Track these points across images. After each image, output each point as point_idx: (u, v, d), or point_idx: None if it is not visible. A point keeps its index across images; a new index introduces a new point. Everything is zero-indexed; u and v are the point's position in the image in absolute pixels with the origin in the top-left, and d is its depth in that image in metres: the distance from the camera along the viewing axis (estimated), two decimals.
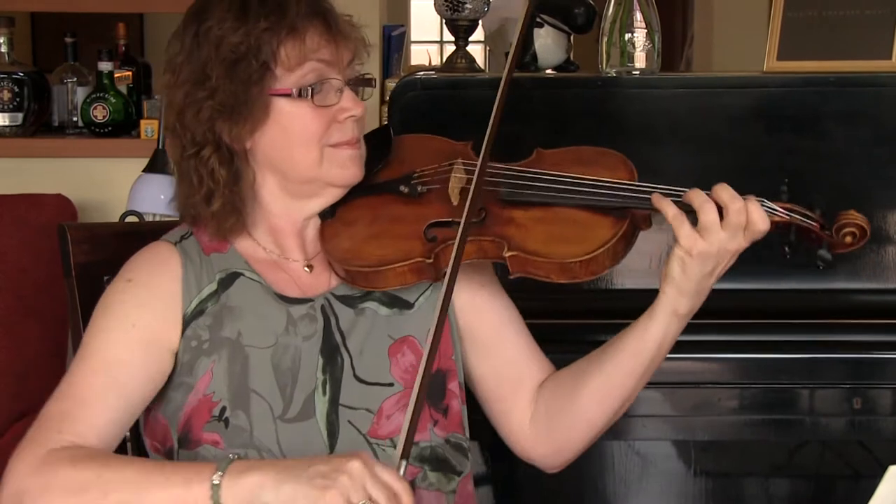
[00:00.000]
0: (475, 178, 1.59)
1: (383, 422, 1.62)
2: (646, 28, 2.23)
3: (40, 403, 2.72)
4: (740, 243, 1.56)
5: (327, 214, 1.68)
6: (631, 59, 2.24)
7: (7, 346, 2.73)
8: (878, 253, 2.16)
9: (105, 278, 1.74)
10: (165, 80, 1.65)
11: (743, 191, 2.17)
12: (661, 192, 1.60)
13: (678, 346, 1.89)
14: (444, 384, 1.67)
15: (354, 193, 1.67)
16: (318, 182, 1.65)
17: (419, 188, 1.67)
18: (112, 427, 1.57)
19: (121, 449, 1.66)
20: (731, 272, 2.16)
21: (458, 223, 1.58)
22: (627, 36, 2.23)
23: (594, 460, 2.04)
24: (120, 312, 1.62)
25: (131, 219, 2.58)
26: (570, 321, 2.04)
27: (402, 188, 1.67)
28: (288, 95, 1.60)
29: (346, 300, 1.67)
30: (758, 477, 2.20)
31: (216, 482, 1.45)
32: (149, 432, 1.68)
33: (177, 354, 1.62)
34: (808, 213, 1.59)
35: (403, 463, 1.45)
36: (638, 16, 2.23)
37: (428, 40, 7.37)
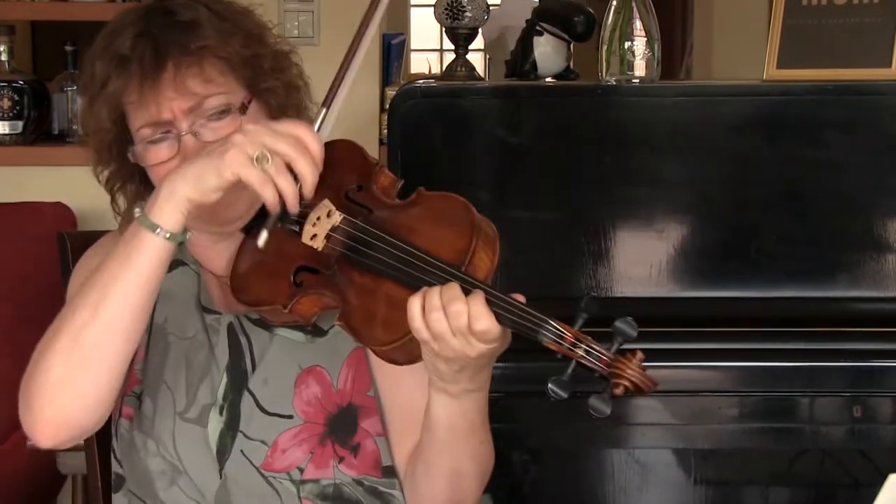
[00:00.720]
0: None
1: (278, 455, 1.56)
2: (645, 36, 2.23)
3: None
4: (478, 347, 1.36)
5: (249, 228, 1.56)
6: (630, 67, 2.23)
7: (7, 353, 2.73)
8: (878, 261, 2.16)
9: None
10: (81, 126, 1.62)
11: (743, 203, 2.18)
12: (443, 276, 1.40)
13: (679, 355, 1.90)
14: (354, 420, 1.58)
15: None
16: (203, 228, 1.56)
17: (289, 226, 1.50)
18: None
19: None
20: (731, 280, 2.17)
21: (322, 271, 1.47)
22: (627, 44, 2.23)
23: (594, 469, 2.03)
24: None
25: None
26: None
27: (279, 224, 1.50)
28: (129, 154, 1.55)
29: (260, 323, 1.60)
30: (758, 485, 2.20)
31: (138, 215, 1.44)
32: None
33: None
34: (595, 347, 1.36)
35: (323, 111, 1.38)
36: (638, 24, 2.23)
37: (428, 49, 7.37)
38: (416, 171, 2.13)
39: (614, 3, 2.23)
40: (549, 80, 2.44)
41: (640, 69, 2.23)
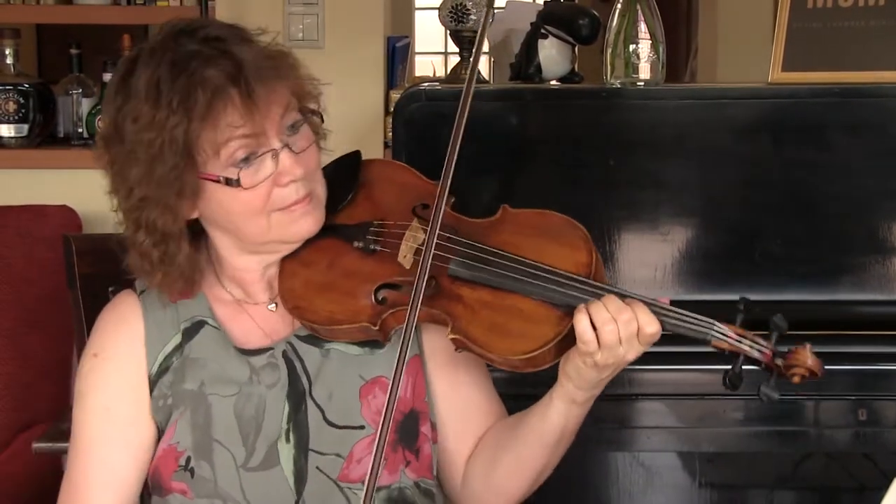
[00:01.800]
0: (425, 261, 1.50)
1: (354, 465, 1.60)
2: (650, 39, 2.22)
3: (46, 413, 2.74)
4: (637, 351, 1.51)
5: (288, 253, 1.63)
6: (635, 70, 2.23)
7: (12, 356, 2.73)
8: (883, 265, 2.16)
9: (109, 289, 1.74)
10: (98, 150, 1.60)
11: (748, 206, 2.18)
12: (591, 291, 1.51)
13: (683, 358, 1.89)
14: (417, 425, 1.64)
15: (319, 233, 1.61)
16: (271, 243, 1.60)
17: (372, 246, 1.60)
18: None
19: None
20: (736, 283, 2.17)
21: (409, 287, 1.52)
22: (632, 47, 2.22)
23: (598, 472, 2.03)
24: (93, 398, 1.63)
25: None
26: None
27: (356, 244, 1.59)
28: (217, 181, 1.53)
29: (312, 340, 1.63)
30: (763, 488, 2.20)
31: None
32: None
33: (153, 416, 1.63)
34: (760, 341, 1.50)
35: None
36: (642, 27, 2.22)
37: (432, 51, 7.38)
38: (420, 174, 2.13)
39: (619, 5, 2.23)
40: (553, 82, 2.44)
41: (644, 72, 2.23)
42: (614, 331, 1.48)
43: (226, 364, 1.62)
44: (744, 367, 1.50)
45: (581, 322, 1.48)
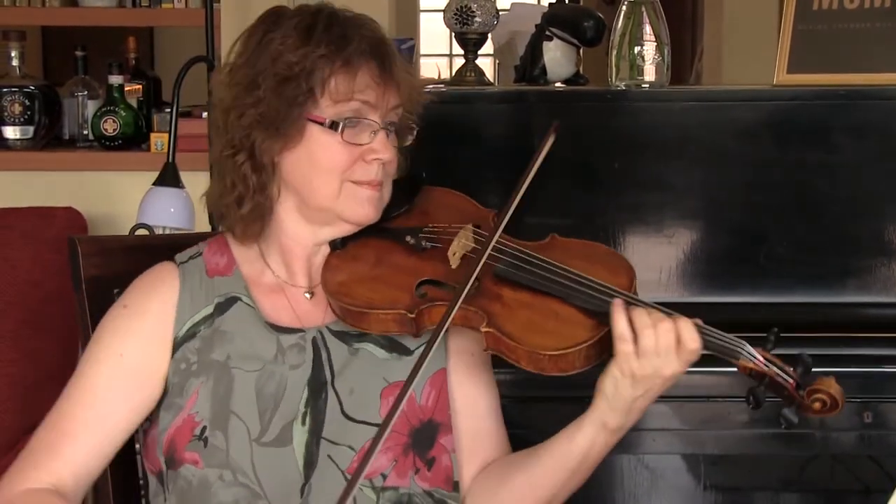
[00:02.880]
0: (483, 255, 1.59)
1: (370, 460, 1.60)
2: (655, 41, 2.22)
3: None
4: (675, 368, 1.53)
5: (337, 245, 1.69)
6: (640, 72, 2.23)
7: (17, 358, 2.74)
8: (889, 267, 2.16)
9: (115, 291, 1.76)
10: (221, 78, 1.68)
11: (753, 208, 2.17)
12: (631, 302, 1.56)
13: None
14: (434, 435, 1.66)
15: (367, 231, 1.69)
16: (331, 213, 1.66)
17: (424, 243, 1.67)
18: (91, 460, 1.64)
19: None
20: (741, 286, 2.16)
21: (452, 286, 1.59)
22: (637, 49, 2.23)
23: (603, 474, 2.03)
24: (110, 341, 1.67)
25: (141, 232, 2.58)
26: None
27: (409, 239, 1.68)
28: (321, 124, 1.62)
29: (342, 336, 1.67)
30: (768, 491, 2.19)
31: None
32: (146, 454, 1.70)
33: (167, 378, 1.65)
34: (786, 368, 1.55)
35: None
36: (647, 29, 2.23)
37: (437, 54, 7.38)
38: (425, 176, 2.13)
39: (624, 7, 2.23)
40: (558, 85, 2.44)
41: (649, 74, 2.23)
42: (651, 336, 1.51)
43: (254, 339, 1.65)
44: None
45: (619, 320, 1.52)
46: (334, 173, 1.63)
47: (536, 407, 1.96)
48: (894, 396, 2.02)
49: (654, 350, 1.51)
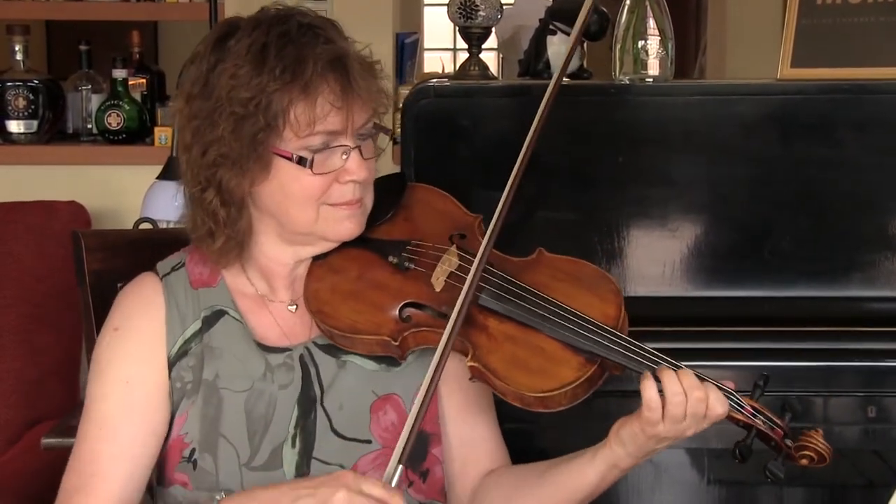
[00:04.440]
0: (467, 296, 1.53)
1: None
2: (659, 35, 2.22)
3: (54, 410, 2.74)
4: (700, 427, 1.51)
5: (320, 255, 1.65)
6: (644, 66, 2.23)
7: (22, 353, 2.74)
8: (893, 261, 2.15)
9: (118, 285, 1.74)
10: (178, 105, 1.62)
11: (757, 202, 2.17)
12: (642, 360, 1.52)
13: (693, 354, 1.89)
14: (426, 447, 1.63)
15: (351, 241, 1.64)
16: (312, 236, 1.63)
17: (406, 263, 1.63)
18: (126, 490, 1.59)
19: None
20: (745, 280, 2.16)
21: (436, 311, 1.55)
22: (641, 43, 2.22)
23: None
24: (111, 371, 1.62)
25: (145, 226, 2.59)
26: None
27: (391, 258, 1.63)
28: (289, 158, 1.56)
29: (329, 350, 1.64)
30: (772, 486, 2.19)
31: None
32: None
33: (171, 395, 1.63)
34: (774, 418, 1.52)
35: (399, 468, 1.43)
36: (651, 23, 2.22)
37: (441, 48, 7.37)
38: (429, 170, 2.13)
39: (628, 2, 2.23)
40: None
41: (653, 68, 2.22)
42: (682, 403, 1.48)
43: (243, 356, 1.62)
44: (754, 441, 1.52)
45: (648, 390, 1.49)
46: (310, 202, 1.58)
47: None
48: None
49: (681, 417, 1.49)
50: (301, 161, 1.56)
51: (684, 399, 1.48)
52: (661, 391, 1.49)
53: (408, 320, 1.58)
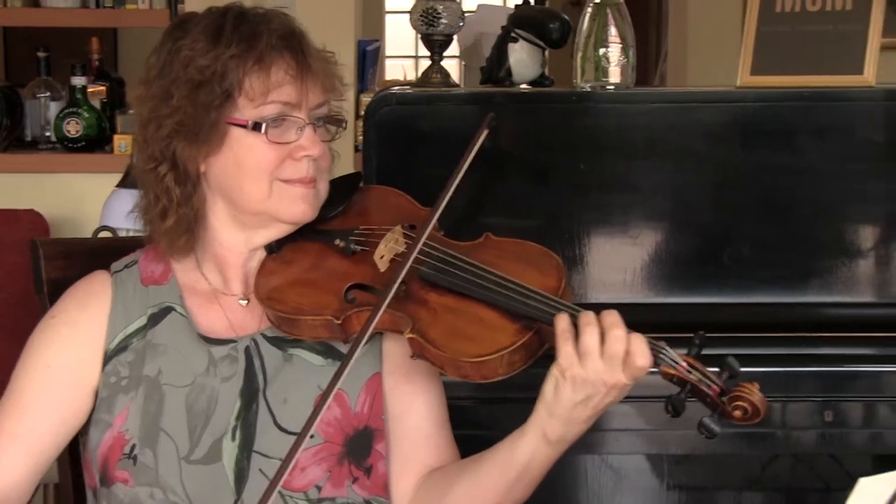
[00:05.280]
0: (409, 258, 1.55)
1: (298, 473, 1.58)
2: (621, 43, 2.23)
3: None
4: (619, 378, 1.45)
5: (273, 248, 1.66)
6: (605, 73, 2.24)
7: None
8: (849, 267, 2.17)
9: None
10: (138, 93, 1.65)
11: (717, 209, 2.19)
12: (570, 311, 1.50)
13: None
14: (370, 442, 1.63)
15: (303, 235, 1.66)
16: (265, 215, 1.63)
17: (353, 246, 1.64)
18: (19, 475, 1.61)
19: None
20: (705, 286, 2.18)
21: (379, 290, 1.56)
22: (602, 51, 2.23)
23: (567, 474, 2.04)
24: (38, 353, 1.64)
25: (104, 234, 2.57)
26: None
27: (338, 242, 1.65)
28: (243, 126, 1.58)
29: (277, 342, 1.64)
30: (730, 490, 2.21)
31: None
32: (85, 469, 1.68)
33: (97, 391, 1.63)
34: (709, 374, 1.48)
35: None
36: (613, 31, 2.23)
37: (403, 55, 7.38)
38: (391, 177, 2.13)
39: (589, 9, 2.24)
40: (524, 86, 2.44)
41: (615, 76, 2.23)
42: (594, 333, 1.45)
43: (186, 351, 1.63)
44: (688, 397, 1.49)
45: (562, 321, 1.47)
46: (263, 174, 1.60)
47: (502, 408, 1.96)
48: (855, 395, 2.03)
49: (597, 352, 1.44)
50: (256, 127, 1.58)
51: (597, 329, 1.45)
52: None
53: (352, 301, 1.59)
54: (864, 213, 2.18)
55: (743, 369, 1.49)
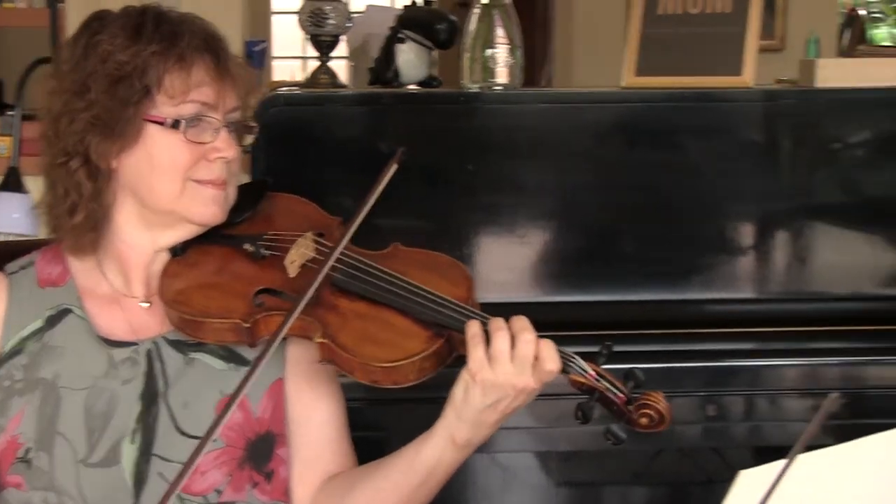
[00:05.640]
0: (325, 265, 1.56)
1: (198, 477, 1.57)
2: (508, 44, 2.25)
3: None
4: (528, 382, 1.48)
5: (177, 252, 1.66)
6: (493, 74, 2.25)
7: None
8: (730, 264, 2.22)
9: None
10: (49, 87, 1.63)
11: (603, 208, 2.22)
12: (480, 319, 1.52)
13: None
14: (271, 447, 1.62)
15: (209, 238, 1.65)
16: (175, 215, 1.62)
17: (263, 251, 1.64)
18: None
19: None
20: (592, 285, 2.20)
21: (290, 295, 1.56)
22: (489, 52, 2.24)
23: (456, 474, 2.05)
24: None
25: None
26: None
27: (247, 246, 1.65)
28: (161, 123, 1.58)
29: (178, 346, 1.63)
30: (618, 485, 2.24)
31: None
32: None
33: None
34: (617, 383, 1.53)
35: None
36: (500, 32, 2.25)
37: (291, 56, 7.33)
38: (280, 178, 2.11)
39: (477, 10, 2.25)
40: (412, 87, 2.45)
41: (502, 76, 2.25)
42: (505, 339, 1.47)
43: (84, 354, 1.61)
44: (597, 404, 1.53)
45: (472, 326, 1.50)
46: (177, 173, 1.59)
47: (392, 409, 1.96)
48: (736, 389, 2.08)
49: (507, 356, 1.47)
50: (175, 125, 1.57)
51: (507, 334, 1.48)
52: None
53: (261, 305, 1.58)
54: (744, 211, 2.23)
55: (628, 366, 1.53)
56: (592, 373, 1.52)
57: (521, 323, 1.50)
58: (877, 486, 1.09)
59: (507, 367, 1.48)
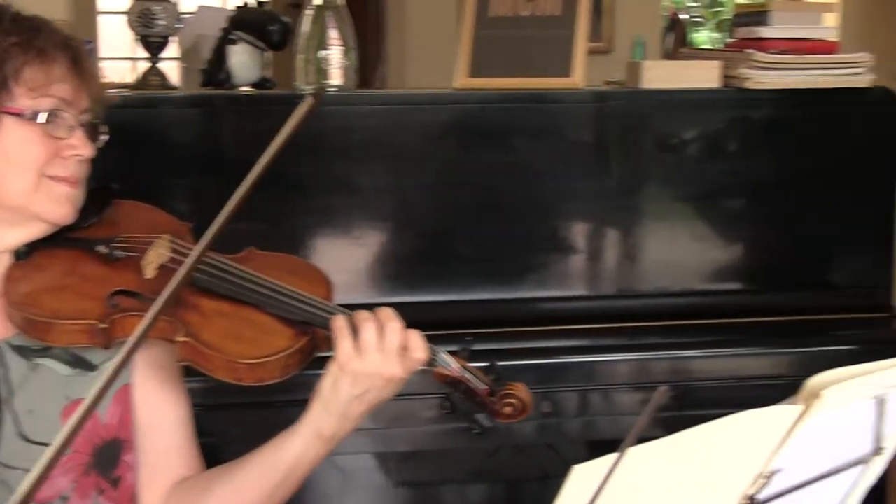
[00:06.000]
0: (187, 266, 1.52)
1: (43, 484, 1.52)
2: (342, 45, 2.25)
3: None
4: (396, 370, 1.49)
5: (21, 255, 1.61)
6: (327, 76, 2.25)
7: None
8: (562, 262, 2.26)
9: None
10: None
11: (439, 209, 2.24)
12: (344, 314, 1.53)
13: None
14: (118, 454, 1.60)
15: (55, 241, 1.61)
16: (25, 212, 1.57)
17: (117, 252, 1.62)
18: None
19: None
20: (428, 285, 2.22)
21: (148, 297, 1.53)
22: (323, 53, 2.24)
23: None
24: None
25: None
26: None
27: (101, 248, 1.61)
28: (19, 115, 1.54)
29: (22, 351, 1.59)
30: (456, 484, 2.26)
31: None
32: None
33: None
34: (480, 375, 1.57)
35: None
36: (333, 33, 2.24)
37: (120, 57, 7.17)
38: (111, 181, 2.07)
39: (310, 12, 2.24)
40: (245, 89, 2.43)
41: (336, 78, 2.25)
42: (373, 329, 1.48)
43: None
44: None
45: (336, 321, 1.50)
46: (31, 167, 1.55)
47: (227, 415, 1.94)
48: (569, 385, 2.12)
49: (375, 346, 1.48)
50: (34, 117, 1.54)
51: (374, 324, 1.49)
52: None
53: (116, 307, 1.55)
54: (576, 210, 2.28)
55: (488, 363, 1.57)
56: (457, 366, 1.55)
57: (387, 313, 1.51)
58: (705, 474, 1.12)
59: (376, 357, 1.49)
